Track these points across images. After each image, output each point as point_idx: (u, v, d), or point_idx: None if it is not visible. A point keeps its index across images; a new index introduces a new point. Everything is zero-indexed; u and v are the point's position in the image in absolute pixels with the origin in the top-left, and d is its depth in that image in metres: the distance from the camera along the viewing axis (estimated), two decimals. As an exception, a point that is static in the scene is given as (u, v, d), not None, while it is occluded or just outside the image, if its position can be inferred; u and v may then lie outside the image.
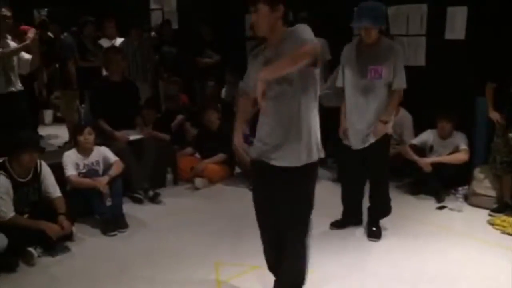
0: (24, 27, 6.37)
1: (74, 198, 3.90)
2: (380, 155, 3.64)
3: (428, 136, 4.76)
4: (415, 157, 4.57)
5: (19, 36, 4.93)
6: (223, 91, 6.69)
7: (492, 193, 4.31)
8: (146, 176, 4.63)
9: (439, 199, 4.47)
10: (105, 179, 3.98)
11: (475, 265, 3.34)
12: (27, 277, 3.25)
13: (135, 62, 6.50)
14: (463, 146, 4.54)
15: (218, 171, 5.13)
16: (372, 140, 3.56)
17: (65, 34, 6.38)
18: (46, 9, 9.85)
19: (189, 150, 5.45)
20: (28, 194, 3.59)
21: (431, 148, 4.73)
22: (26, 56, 4.63)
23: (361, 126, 3.56)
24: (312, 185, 2.60)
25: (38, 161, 3.65)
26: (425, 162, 4.53)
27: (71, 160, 4.07)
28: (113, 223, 3.91)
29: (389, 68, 3.47)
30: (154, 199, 4.55)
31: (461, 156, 4.51)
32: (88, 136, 4.11)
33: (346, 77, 3.60)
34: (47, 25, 7.30)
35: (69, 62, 5.96)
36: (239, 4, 7.13)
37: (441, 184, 4.52)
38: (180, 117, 6.06)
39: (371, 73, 3.48)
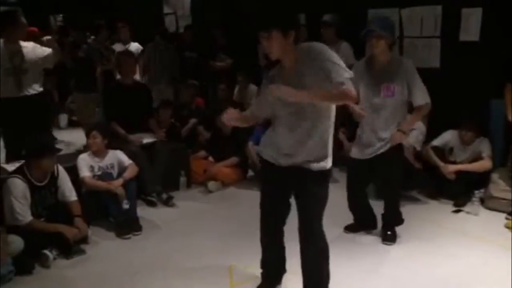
0: (31, 29, 6.46)
1: (89, 201, 3.94)
2: (391, 167, 3.60)
3: (449, 137, 4.65)
4: (439, 163, 4.47)
5: (29, 39, 5.01)
6: (236, 91, 6.73)
7: (509, 196, 4.23)
8: (160, 179, 4.65)
9: (458, 203, 4.38)
10: (119, 182, 4.01)
11: (492, 269, 3.30)
12: (43, 280, 3.28)
13: (160, 66, 6.58)
14: (487, 152, 4.43)
15: (231, 174, 5.14)
16: (384, 149, 3.53)
17: (92, 37, 6.44)
18: (61, 15, 9.99)
19: (202, 153, 5.47)
20: (45, 198, 3.63)
21: (451, 150, 4.64)
22: (46, 51, 4.70)
23: (371, 140, 3.55)
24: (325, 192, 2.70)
25: (55, 165, 3.69)
26: (449, 170, 4.42)
27: (86, 163, 4.12)
28: (127, 226, 3.94)
29: (401, 85, 3.44)
30: (168, 202, 4.57)
31: (485, 164, 4.41)
32: (93, 139, 4.15)
33: (360, 94, 3.56)
34: (66, 30, 7.40)
35: (98, 66, 6.00)
36: (251, 8, 7.16)
37: (463, 189, 4.43)
38: (193, 120, 6.09)
39: (384, 90, 3.47)
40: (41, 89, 4.82)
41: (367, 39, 3.46)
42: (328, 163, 2.64)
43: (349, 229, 3.89)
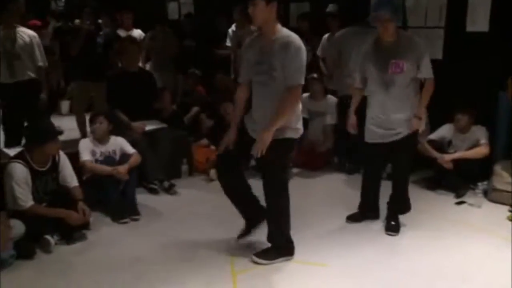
0: (33, 22, 6.41)
1: (89, 187, 3.92)
2: (405, 153, 3.60)
3: (446, 131, 4.66)
4: (436, 154, 4.46)
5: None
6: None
7: (513, 189, 4.22)
8: (162, 167, 4.63)
9: (459, 194, 4.39)
10: (125, 168, 4.01)
11: (494, 261, 3.30)
12: (44, 264, 3.28)
13: (159, 54, 6.54)
14: (484, 140, 4.43)
15: (233, 163, 5.11)
16: (398, 136, 3.52)
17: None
18: (63, 0, 9.93)
19: (204, 141, 5.44)
20: (47, 183, 3.62)
21: (450, 143, 4.64)
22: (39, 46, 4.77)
23: (384, 122, 3.53)
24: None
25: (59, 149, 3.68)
26: (446, 160, 4.42)
27: (87, 147, 4.13)
28: (124, 211, 3.93)
29: (411, 62, 3.42)
30: (169, 190, 4.56)
31: (482, 150, 4.40)
32: (99, 125, 4.15)
33: (368, 74, 3.56)
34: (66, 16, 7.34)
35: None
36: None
37: (461, 180, 4.43)
38: (195, 109, 6.06)
39: (392, 67, 3.44)
40: (33, 75, 4.80)
41: (375, 23, 3.43)
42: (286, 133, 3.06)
43: (352, 219, 3.87)
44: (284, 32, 3.00)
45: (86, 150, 4.09)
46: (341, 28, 5.23)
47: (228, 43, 6.30)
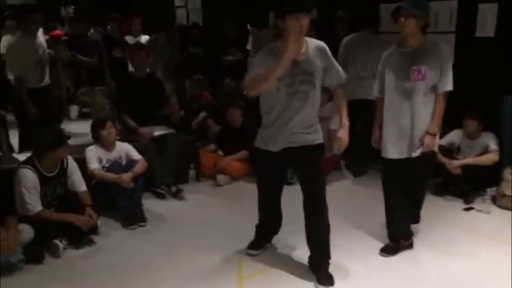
0: (56, 32, 6.52)
1: (98, 192, 3.95)
2: (423, 168, 3.44)
3: (455, 136, 4.63)
4: (445, 160, 4.41)
5: (52, 43, 5.17)
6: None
7: (522, 194, 4.19)
8: (169, 172, 4.65)
9: (468, 200, 4.35)
10: (129, 176, 4.02)
11: (503, 268, 3.26)
12: (53, 269, 3.30)
13: (159, 59, 6.57)
14: (493, 146, 4.39)
15: (241, 168, 5.13)
16: (417, 153, 3.32)
17: (92, 31, 6.47)
18: (72, 7, 10.03)
19: (211, 147, 5.47)
20: (55, 188, 3.65)
21: (459, 149, 4.61)
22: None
23: (403, 133, 3.31)
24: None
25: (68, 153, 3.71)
26: (455, 165, 4.38)
27: (94, 155, 4.13)
28: (133, 217, 3.95)
29: (434, 69, 3.20)
30: (177, 195, 4.58)
31: (491, 157, 4.36)
32: (110, 129, 4.17)
33: (387, 82, 3.34)
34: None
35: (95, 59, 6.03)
36: (263, 1, 7.13)
37: (470, 186, 4.40)
38: (202, 114, 6.09)
39: (414, 74, 3.20)
40: (48, 81, 4.94)
41: (396, 18, 3.21)
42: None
43: (387, 252, 3.46)
44: (311, 41, 3.01)
45: (94, 158, 4.10)
46: (349, 32, 5.24)
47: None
